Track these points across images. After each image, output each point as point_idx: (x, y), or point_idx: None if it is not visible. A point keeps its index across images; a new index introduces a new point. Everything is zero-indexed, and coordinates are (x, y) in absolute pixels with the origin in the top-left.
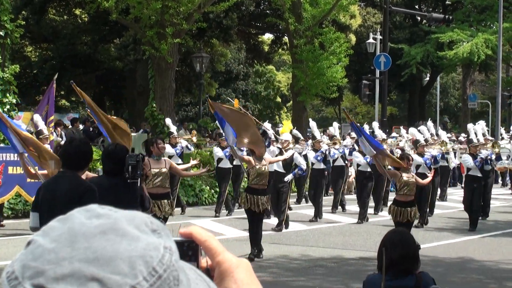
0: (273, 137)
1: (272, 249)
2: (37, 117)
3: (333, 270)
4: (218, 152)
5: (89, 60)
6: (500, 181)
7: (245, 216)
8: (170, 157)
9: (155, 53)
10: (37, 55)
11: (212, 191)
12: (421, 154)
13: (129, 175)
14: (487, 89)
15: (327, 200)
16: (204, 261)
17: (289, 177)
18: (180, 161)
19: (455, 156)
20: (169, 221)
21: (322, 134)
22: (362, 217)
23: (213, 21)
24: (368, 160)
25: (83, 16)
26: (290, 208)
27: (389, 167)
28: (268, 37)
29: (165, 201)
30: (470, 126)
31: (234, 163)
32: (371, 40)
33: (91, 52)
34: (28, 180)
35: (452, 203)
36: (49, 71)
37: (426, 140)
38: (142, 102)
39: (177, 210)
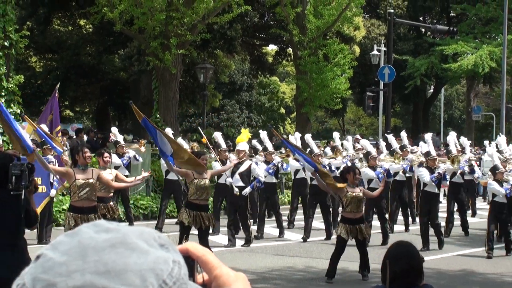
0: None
1: (276, 261)
2: (43, 127)
3: (337, 282)
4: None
5: (93, 70)
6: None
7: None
8: (116, 167)
9: (159, 64)
10: (41, 66)
11: None
12: (373, 168)
13: (13, 186)
14: (492, 101)
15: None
16: (200, 277)
17: (246, 191)
18: (127, 172)
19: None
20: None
21: (325, 145)
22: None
23: (217, 32)
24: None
25: (87, 27)
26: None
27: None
28: (272, 48)
29: (92, 216)
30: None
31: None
32: (375, 52)
33: (95, 63)
34: None
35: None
36: (53, 82)
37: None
38: (146, 112)
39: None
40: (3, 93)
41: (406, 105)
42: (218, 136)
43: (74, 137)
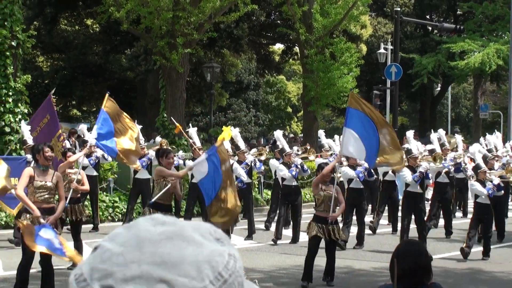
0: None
1: (284, 259)
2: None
3: (344, 280)
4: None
5: (100, 70)
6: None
7: None
8: (84, 168)
9: (166, 63)
10: (48, 65)
11: None
12: (353, 167)
13: None
14: (499, 99)
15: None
16: None
17: None
18: (95, 172)
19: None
20: None
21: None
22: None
23: (224, 31)
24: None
25: (94, 26)
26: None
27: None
28: (278, 47)
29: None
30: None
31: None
32: (382, 50)
33: (102, 62)
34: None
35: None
36: (60, 81)
37: (431, 151)
38: (153, 112)
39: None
40: (10, 93)
41: (413, 104)
42: (192, 132)
43: (83, 136)
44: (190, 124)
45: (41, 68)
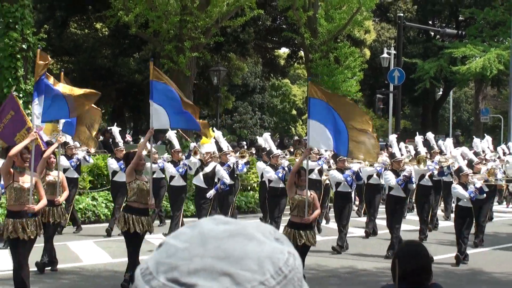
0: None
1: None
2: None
3: (347, 280)
4: (112, 164)
5: (109, 73)
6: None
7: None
8: (65, 170)
9: (174, 66)
10: (58, 68)
11: None
12: (342, 170)
13: None
14: (499, 103)
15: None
16: None
17: (211, 193)
18: (76, 174)
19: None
20: None
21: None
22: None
23: (230, 36)
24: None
25: (103, 30)
26: None
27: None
28: (284, 51)
29: (31, 219)
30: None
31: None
32: (385, 55)
33: (111, 66)
34: None
35: None
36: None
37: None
38: None
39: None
40: (21, 95)
41: (416, 107)
42: (171, 135)
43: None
44: (169, 128)
45: (51, 70)
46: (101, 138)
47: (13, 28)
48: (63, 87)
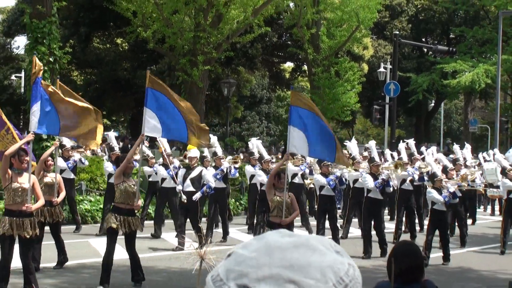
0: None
1: None
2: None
3: None
4: (108, 167)
5: (128, 84)
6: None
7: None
8: (62, 171)
9: (188, 78)
10: (82, 79)
11: (237, 203)
12: (325, 175)
13: None
14: (487, 114)
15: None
16: None
17: (197, 196)
18: (72, 175)
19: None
20: None
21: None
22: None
23: (240, 51)
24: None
25: (123, 44)
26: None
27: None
28: (289, 65)
29: (27, 219)
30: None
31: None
32: (382, 69)
33: (130, 77)
34: None
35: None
36: (93, 94)
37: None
38: None
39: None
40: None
41: (410, 118)
42: (163, 140)
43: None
44: (160, 137)
45: (75, 81)
46: (121, 144)
47: (41, 42)
48: (58, 100)
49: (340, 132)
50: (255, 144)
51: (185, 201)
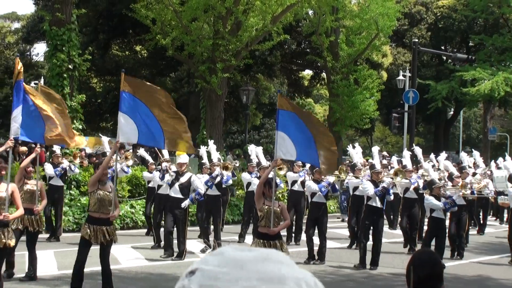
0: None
1: (309, 265)
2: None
3: (363, 284)
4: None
5: None
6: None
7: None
8: (50, 178)
9: (207, 86)
10: (101, 86)
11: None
12: (318, 181)
13: None
14: (506, 123)
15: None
16: None
17: (186, 203)
18: (61, 182)
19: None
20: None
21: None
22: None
23: (259, 58)
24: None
25: (142, 52)
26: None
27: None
28: (307, 73)
29: (4, 229)
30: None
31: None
32: (401, 77)
33: None
34: None
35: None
36: (111, 101)
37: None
38: (194, 129)
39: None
40: (67, 111)
41: (428, 125)
42: (164, 151)
43: (130, 150)
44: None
45: (94, 88)
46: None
47: (61, 49)
48: (41, 104)
49: (359, 140)
50: (254, 151)
51: (185, 206)
